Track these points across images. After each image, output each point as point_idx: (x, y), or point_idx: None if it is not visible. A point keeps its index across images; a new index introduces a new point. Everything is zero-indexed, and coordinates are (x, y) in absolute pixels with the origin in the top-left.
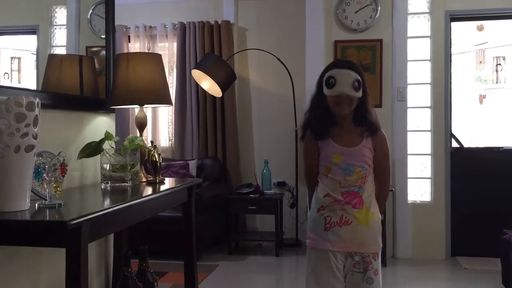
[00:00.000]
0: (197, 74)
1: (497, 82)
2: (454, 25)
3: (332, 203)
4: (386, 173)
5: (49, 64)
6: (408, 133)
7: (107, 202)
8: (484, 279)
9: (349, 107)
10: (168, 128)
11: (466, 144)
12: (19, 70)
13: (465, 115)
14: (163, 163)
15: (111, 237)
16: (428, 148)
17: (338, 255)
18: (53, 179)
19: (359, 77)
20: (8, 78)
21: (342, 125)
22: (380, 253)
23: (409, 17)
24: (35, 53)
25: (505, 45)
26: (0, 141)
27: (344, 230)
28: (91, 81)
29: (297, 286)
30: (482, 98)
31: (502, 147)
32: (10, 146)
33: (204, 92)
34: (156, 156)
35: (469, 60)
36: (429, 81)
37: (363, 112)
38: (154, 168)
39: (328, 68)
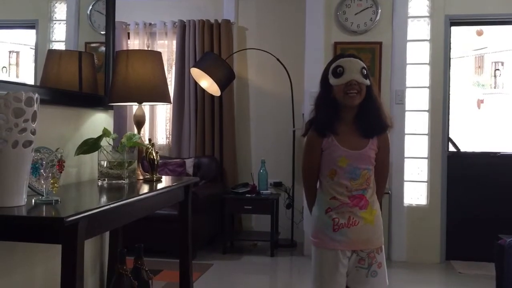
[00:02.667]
0: (196, 72)
1: (495, 87)
2: (454, 30)
3: (340, 206)
4: (387, 169)
5: (48, 60)
6: (406, 136)
7: (104, 199)
8: (478, 284)
9: (359, 96)
10: (166, 126)
11: (463, 149)
12: (17, 64)
13: (462, 120)
14: (160, 161)
15: (107, 234)
16: (425, 152)
17: (346, 252)
18: (50, 175)
19: (365, 66)
20: (6, 72)
21: (347, 122)
22: (383, 246)
23: (409, 20)
24: (34, 47)
25: (504, 51)
26: None
27: (352, 230)
28: (90, 77)
29: (292, 287)
30: (480, 102)
31: (498, 152)
32: (8, 141)
33: (203, 90)
34: (154, 154)
35: (467, 64)
36: (428, 85)
37: (368, 109)
38: (152, 166)
39: (333, 61)
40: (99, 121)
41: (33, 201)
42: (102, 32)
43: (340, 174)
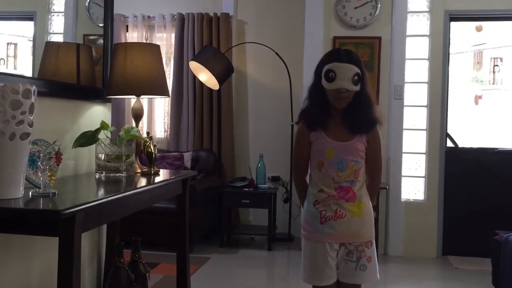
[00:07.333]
0: (194, 66)
1: (493, 83)
2: (453, 25)
3: (327, 198)
4: (378, 164)
5: (46, 52)
6: (404, 131)
7: (101, 192)
8: (474, 279)
9: (347, 100)
10: (164, 119)
11: (460, 144)
12: (15, 56)
13: (460, 115)
14: (158, 154)
15: (104, 227)
16: (423, 147)
17: (334, 245)
18: (47, 167)
19: (359, 71)
20: (4, 64)
21: (336, 117)
22: (373, 240)
23: (409, 15)
24: (32, 39)
25: (503, 47)
26: None
27: (339, 223)
28: (88, 70)
29: (289, 280)
30: (478, 98)
31: (496, 148)
32: (5, 133)
33: (201, 84)
34: (152, 148)
35: (466, 60)
36: (427, 80)
37: (357, 107)
38: (149, 159)
39: (328, 60)
40: (97, 114)
41: (30, 193)
42: (100, 25)
43: (327, 165)
